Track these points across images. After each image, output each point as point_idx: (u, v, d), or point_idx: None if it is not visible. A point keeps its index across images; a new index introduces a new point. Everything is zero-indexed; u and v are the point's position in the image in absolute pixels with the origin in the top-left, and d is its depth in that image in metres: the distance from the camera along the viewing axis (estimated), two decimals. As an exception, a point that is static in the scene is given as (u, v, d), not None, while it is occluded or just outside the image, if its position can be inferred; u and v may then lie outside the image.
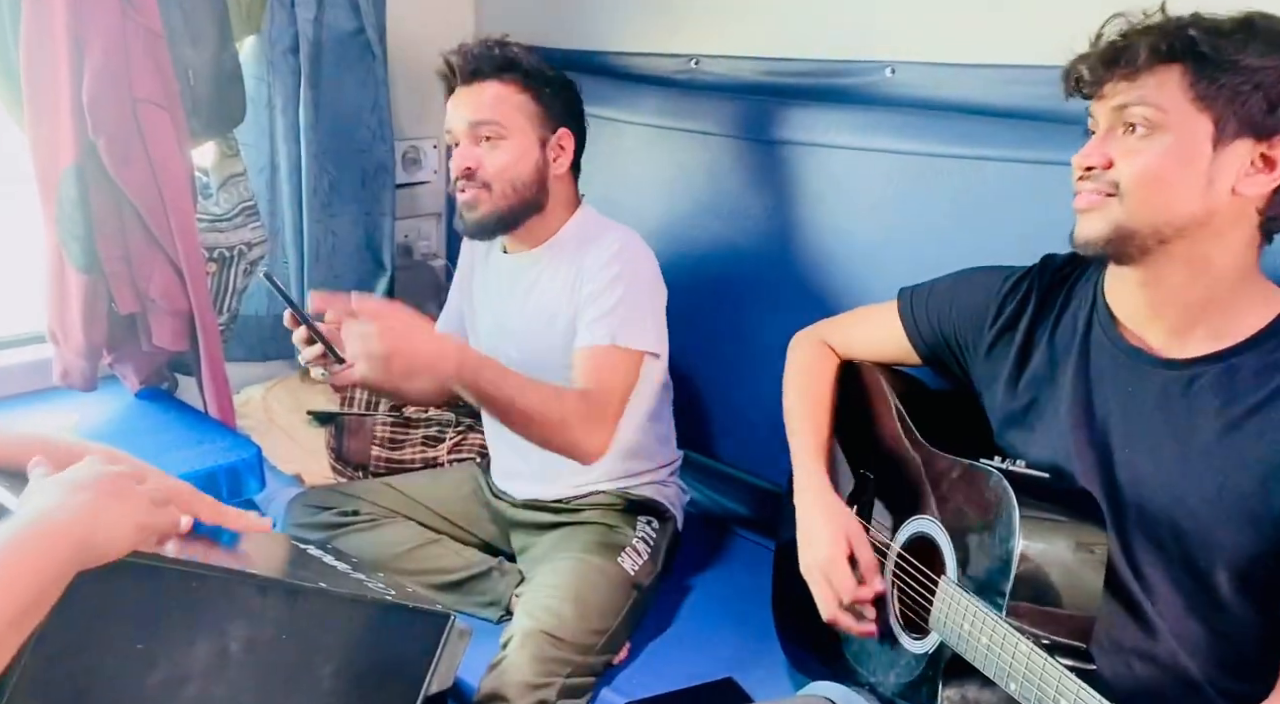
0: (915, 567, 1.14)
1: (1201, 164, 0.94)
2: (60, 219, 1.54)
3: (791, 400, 1.35)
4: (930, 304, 1.25)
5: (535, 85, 1.48)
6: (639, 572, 1.48)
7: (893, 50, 1.59)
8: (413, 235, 2.34)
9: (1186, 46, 0.93)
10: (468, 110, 1.46)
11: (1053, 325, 1.12)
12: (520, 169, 1.46)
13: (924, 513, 1.15)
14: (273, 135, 1.96)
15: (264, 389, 2.11)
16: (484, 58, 1.47)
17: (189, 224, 1.61)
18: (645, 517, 1.56)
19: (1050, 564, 0.97)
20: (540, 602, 1.36)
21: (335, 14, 1.94)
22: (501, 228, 1.50)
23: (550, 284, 1.51)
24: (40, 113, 1.51)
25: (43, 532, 0.75)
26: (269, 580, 0.89)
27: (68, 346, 1.64)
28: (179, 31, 1.60)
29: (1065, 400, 1.08)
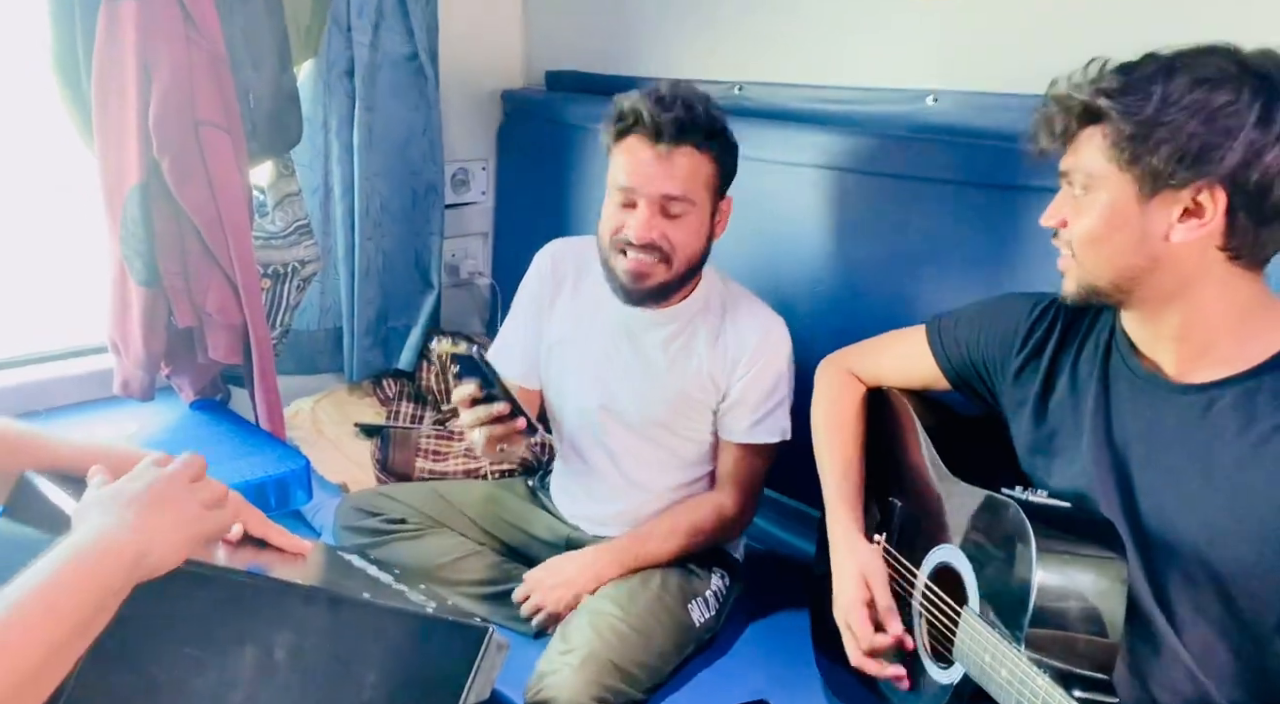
0: (941, 596, 1.14)
1: (1132, 221, 0.97)
2: (124, 236, 1.60)
3: (819, 431, 1.37)
4: (959, 330, 1.26)
5: (724, 156, 1.41)
6: (703, 625, 1.47)
7: (934, 78, 1.60)
8: (459, 254, 2.39)
9: (1099, 110, 0.96)
10: (663, 182, 1.36)
11: (1076, 352, 1.13)
12: (698, 244, 1.42)
13: (949, 542, 1.15)
14: (327, 156, 2.02)
15: (313, 401, 2.16)
16: (691, 123, 1.36)
17: (245, 241, 1.67)
18: (721, 569, 1.56)
19: (1069, 595, 0.97)
20: (609, 622, 1.36)
21: (390, 39, 1.99)
22: (665, 298, 1.46)
23: (687, 350, 1.49)
24: (109, 134, 1.57)
25: (101, 550, 0.78)
26: (314, 590, 0.92)
27: (128, 358, 1.70)
28: (241, 55, 1.66)
29: (1086, 428, 1.08)
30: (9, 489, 0.96)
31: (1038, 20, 1.48)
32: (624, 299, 1.46)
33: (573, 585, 1.45)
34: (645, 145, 1.37)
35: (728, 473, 1.54)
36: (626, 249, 1.40)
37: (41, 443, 1.00)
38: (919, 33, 1.62)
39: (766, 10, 1.84)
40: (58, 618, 0.73)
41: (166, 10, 1.52)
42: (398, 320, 2.18)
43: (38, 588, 0.74)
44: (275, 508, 1.65)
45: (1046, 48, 1.47)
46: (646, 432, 1.53)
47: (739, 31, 1.90)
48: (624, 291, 1.44)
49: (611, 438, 1.56)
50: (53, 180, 1.82)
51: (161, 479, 0.86)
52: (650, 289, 1.43)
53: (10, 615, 0.72)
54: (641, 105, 1.36)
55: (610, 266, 1.45)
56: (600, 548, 1.50)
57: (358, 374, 2.15)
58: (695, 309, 1.50)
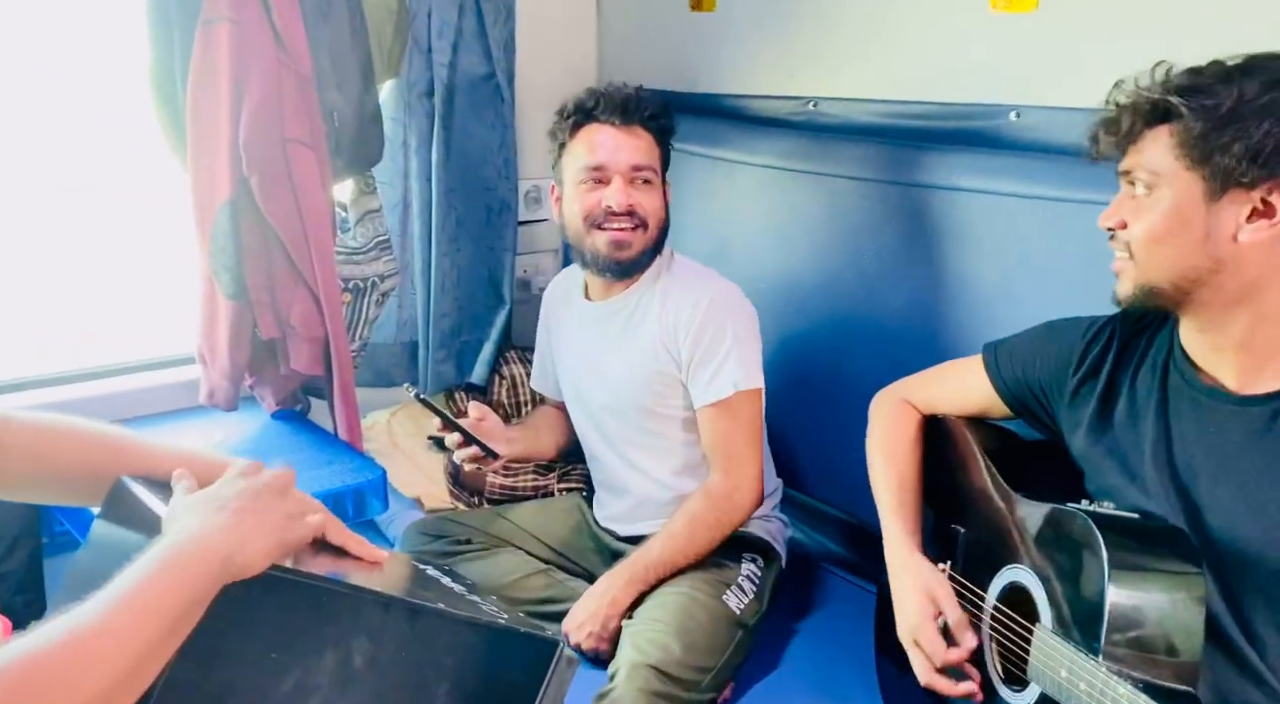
0: (1011, 618, 1.12)
1: (1198, 219, 0.96)
2: (214, 251, 1.65)
3: (876, 463, 1.36)
4: (1015, 356, 1.25)
5: (667, 138, 1.57)
6: (744, 611, 1.48)
7: (1017, 93, 1.57)
8: (531, 270, 2.41)
9: (1169, 109, 0.96)
10: (630, 153, 1.51)
11: (1133, 372, 1.12)
12: (662, 214, 1.55)
13: (1016, 562, 1.14)
14: (406, 174, 2.06)
15: (389, 414, 2.20)
16: (641, 104, 1.52)
17: (328, 256, 1.71)
18: (750, 554, 1.57)
19: (1145, 604, 0.94)
20: (647, 635, 1.37)
21: (468, 59, 2.03)
22: (642, 267, 1.56)
23: (641, 326, 1.57)
24: (201, 152, 1.63)
25: (191, 552, 0.81)
26: (392, 598, 0.93)
27: (214, 368, 1.76)
28: (327, 76, 1.71)
29: (1148, 446, 1.07)
30: (105, 491, 0.99)
31: (1123, 34, 1.45)
32: (611, 273, 1.54)
33: (595, 619, 1.47)
34: (606, 127, 1.51)
35: (706, 444, 1.56)
36: (603, 224, 1.50)
37: (140, 447, 1.04)
38: (1001, 47, 1.60)
39: (842, 25, 1.83)
40: (151, 622, 0.76)
41: (259, 33, 1.57)
42: (471, 335, 2.21)
43: (131, 592, 0.76)
44: (352, 517, 1.68)
45: (1132, 61, 1.44)
46: (633, 418, 1.59)
47: (814, 47, 1.89)
48: (609, 264, 1.53)
49: (610, 431, 1.63)
50: (147, 198, 1.89)
51: (252, 487, 0.89)
52: (632, 258, 1.52)
53: (105, 620, 0.74)
54: (594, 94, 1.53)
55: (588, 249, 1.54)
56: (609, 575, 1.52)
57: (431, 387, 2.18)
58: (647, 284, 1.57)
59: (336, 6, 1.71)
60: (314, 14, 1.67)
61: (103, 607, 0.75)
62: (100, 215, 1.89)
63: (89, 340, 1.93)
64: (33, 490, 1.09)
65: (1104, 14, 1.47)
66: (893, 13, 1.74)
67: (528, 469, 1.98)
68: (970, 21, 1.62)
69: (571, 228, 1.55)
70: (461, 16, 1.99)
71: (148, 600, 0.76)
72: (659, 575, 1.49)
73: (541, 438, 1.75)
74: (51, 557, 1.71)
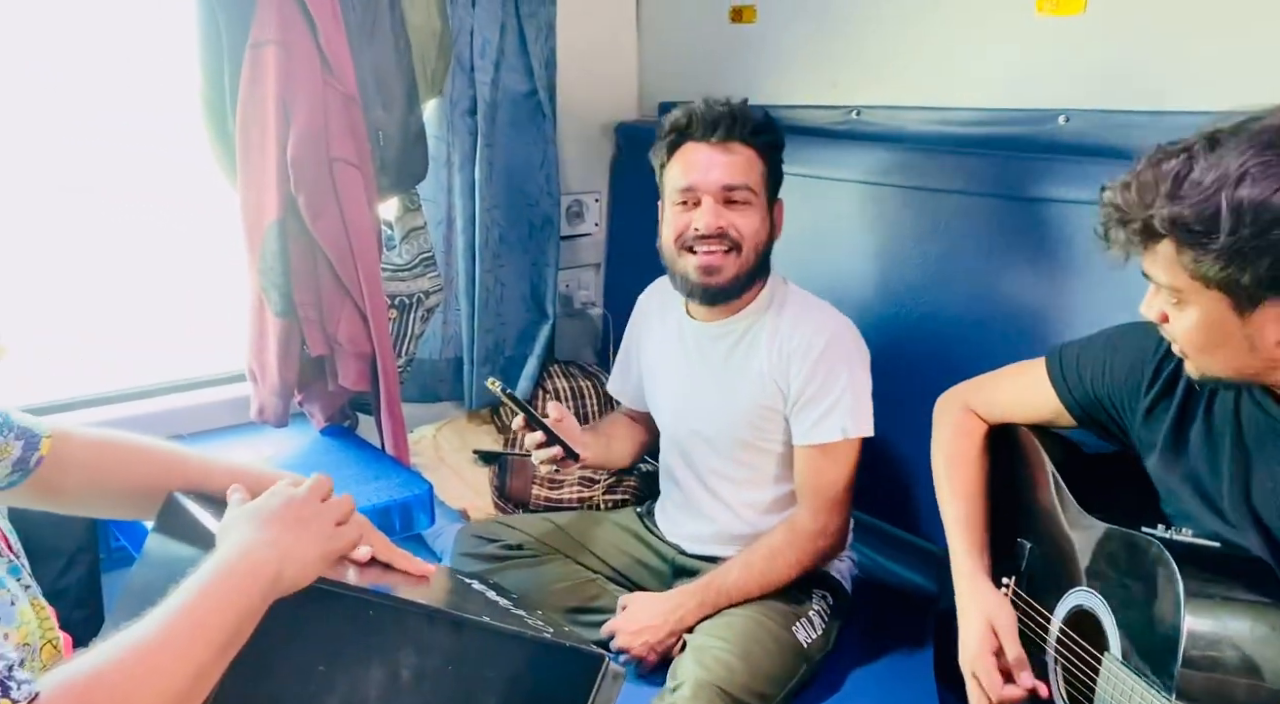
0: (1078, 643, 1.07)
1: (1235, 332, 0.90)
2: (263, 269, 1.68)
3: (939, 472, 1.31)
4: (1082, 363, 1.19)
5: (773, 152, 1.48)
6: (812, 645, 1.45)
7: (1066, 97, 1.54)
8: (573, 285, 2.42)
9: (1161, 227, 0.89)
10: (722, 172, 1.43)
11: (1209, 394, 1.05)
12: (761, 236, 1.47)
13: (1084, 585, 1.09)
14: (450, 190, 2.09)
15: (435, 429, 2.22)
16: (739, 119, 1.44)
17: (374, 273, 1.73)
18: (821, 591, 1.53)
19: (1223, 640, 0.89)
20: (713, 654, 1.35)
21: (510, 77, 2.05)
22: (737, 294, 1.49)
23: (749, 355, 1.51)
24: (250, 172, 1.67)
25: (242, 569, 0.82)
26: (437, 611, 0.93)
27: (264, 385, 1.79)
28: (372, 96, 1.74)
29: (1225, 474, 1.00)
30: (159, 505, 1.01)
31: (1172, 35, 1.42)
32: (700, 299, 1.49)
33: (656, 631, 1.45)
34: (700, 146, 1.45)
35: (799, 482, 1.51)
36: (694, 246, 1.45)
37: (192, 461, 1.06)
38: (1047, 51, 1.57)
39: (884, 33, 1.82)
40: (206, 637, 0.77)
41: (305, 55, 1.60)
42: (514, 350, 2.22)
43: (185, 608, 0.78)
44: (399, 532, 1.69)
45: (1181, 61, 1.41)
46: (726, 448, 1.54)
47: (856, 56, 1.88)
48: (698, 290, 1.48)
49: (698, 457, 1.58)
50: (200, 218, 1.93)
51: (297, 498, 0.90)
52: (723, 284, 1.46)
53: (161, 637, 0.75)
54: (690, 112, 1.46)
55: (679, 272, 1.49)
56: (682, 591, 1.50)
57: (476, 402, 2.20)
58: (757, 312, 1.51)
59: (381, 28, 1.74)
60: (359, 36, 1.70)
61: (159, 624, 0.76)
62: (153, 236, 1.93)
63: (143, 359, 1.97)
64: (91, 504, 1.11)
65: (1152, 15, 1.44)
66: (935, 18, 1.73)
67: (572, 481, 1.98)
68: (1016, 25, 1.60)
69: (666, 250, 1.51)
70: (503, 35, 2.01)
71: (202, 617, 0.78)
72: (729, 602, 1.46)
73: (613, 447, 1.72)
74: (109, 572, 1.75)
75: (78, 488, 1.06)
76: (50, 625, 0.90)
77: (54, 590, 1.61)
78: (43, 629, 0.86)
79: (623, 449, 1.73)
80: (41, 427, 1.03)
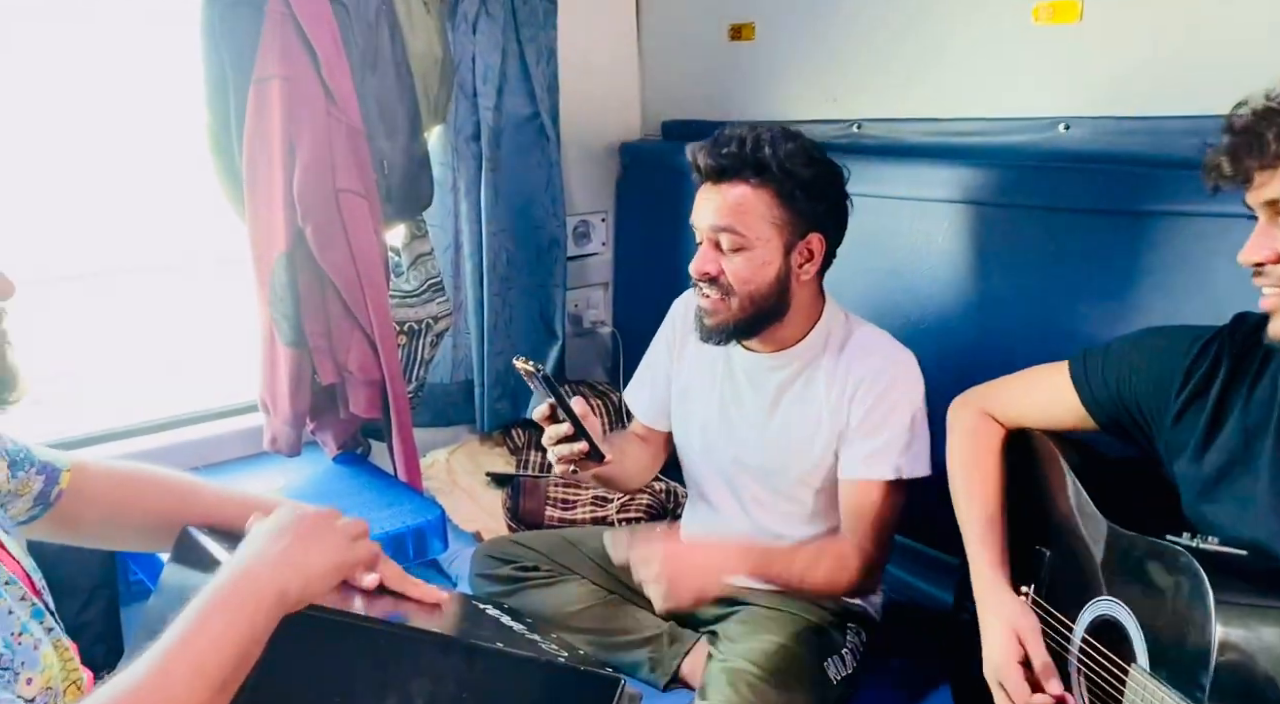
0: (1103, 653, 1.06)
1: None
2: (273, 300, 1.70)
3: (956, 478, 1.28)
4: (1107, 367, 1.17)
5: (787, 189, 1.35)
6: (840, 682, 1.43)
7: (1066, 105, 1.55)
8: (582, 304, 2.43)
9: None
10: (711, 214, 1.37)
11: (1248, 391, 1.02)
12: (761, 280, 1.37)
13: (1108, 595, 1.07)
14: (456, 216, 2.10)
15: (447, 453, 2.23)
16: (732, 157, 1.35)
17: (383, 300, 1.74)
18: (854, 625, 1.50)
19: (1257, 653, 0.88)
20: (746, 679, 1.33)
21: (513, 102, 2.07)
22: (738, 336, 1.43)
23: (805, 393, 1.45)
24: (258, 205, 1.68)
25: (244, 588, 0.81)
26: (450, 640, 0.93)
27: (276, 415, 1.80)
28: (376, 126, 1.76)
29: (1264, 476, 0.98)
30: (175, 536, 1.02)
31: (1168, 41, 1.42)
32: (703, 338, 1.44)
33: (703, 572, 1.34)
34: (707, 185, 1.39)
35: (849, 512, 1.44)
36: (699, 286, 1.41)
37: (206, 491, 1.07)
38: (1046, 60, 1.58)
39: (883, 46, 1.82)
40: (210, 663, 0.76)
41: (309, 88, 1.62)
42: (526, 371, 2.23)
43: (188, 637, 0.76)
44: (413, 557, 1.70)
45: (1179, 67, 1.41)
46: (772, 481, 1.49)
47: (856, 69, 1.89)
48: (700, 329, 1.44)
49: (740, 486, 1.53)
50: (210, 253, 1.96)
51: (310, 511, 0.89)
52: (717, 327, 1.41)
53: (166, 668, 0.74)
54: (699, 149, 1.38)
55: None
56: (729, 543, 1.44)
57: (489, 425, 2.20)
58: (815, 349, 1.45)
59: (383, 58, 1.76)
60: (361, 66, 1.72)
61: (161, 655, 0.75)
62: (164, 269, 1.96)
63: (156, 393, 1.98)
64: (108, 536, 1.12)
65: (1148, 22, 1.44)
66: (934, 30, 1.73)
67: (585, 501, 1.97)
68: (1014, 35, 1.60)
69: None
70: (505, 61, 2.03)
71: (205, 644, 0.76)
72: (766, 576, 1.39)
73: (627, 465, 1.62)
74: (127, 606, 1.76)
75: (96, 520, 1.07)
76: (74, 666, 0.90)
77: (74, 626, 1.61)
78: (66, 670, 0.86)
79: (635, 469, 1.66)
80: (61, 460, 1.04)
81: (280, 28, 1.59)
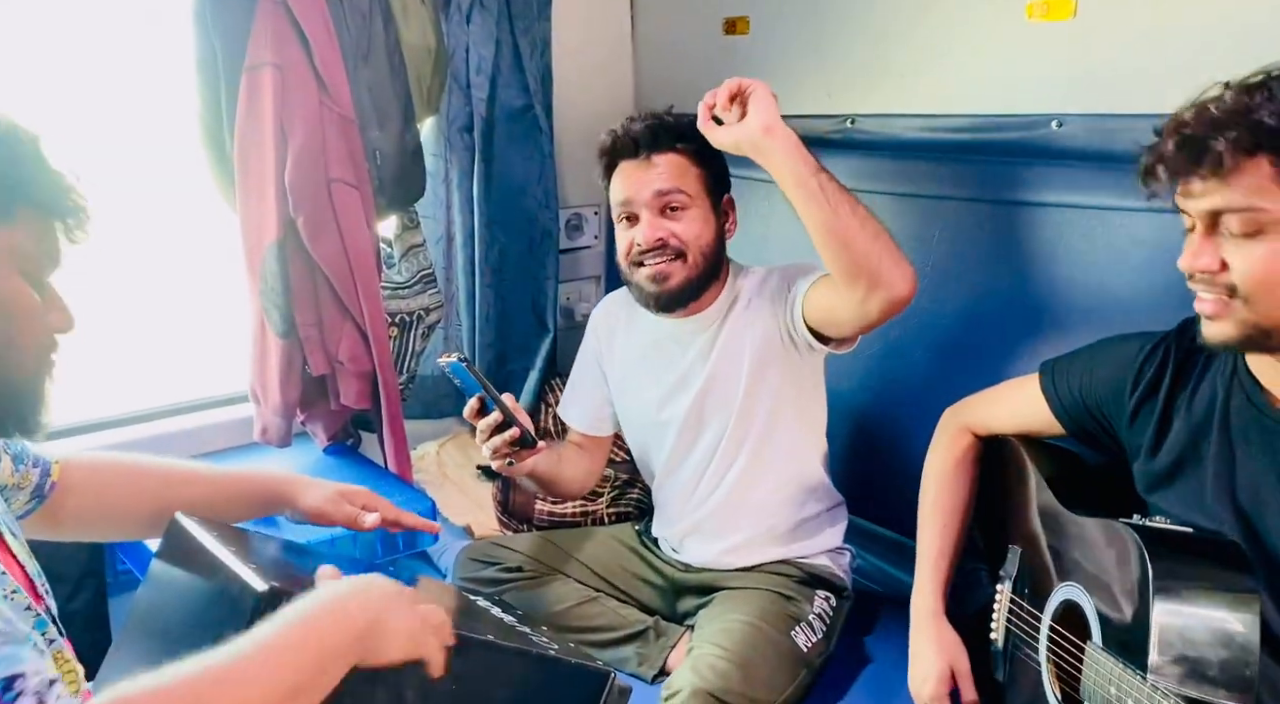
0: (1066, 637, 1.10)
1: None
2: (263, 290, 1.69)
3: (926, 492, 1.35)
4: (1071, 376, 1.22)
5: (705, 153, 1.47)
6: (811, 649, 1.45)
7: (1058, 102, 1.55)
8: (574, 297, 2.43)
9: (1269, 136, 0.87)
10: (651, 181, 1.46)
11: (1192, 391, 1.07)
12: (707, 237, 1.48)
13: (1070, 580, 1.12)
14: (449, 207, 2.09)
15: (438, 445, 2.22)
16: (660, 129, 1.48)
17: (374, 291, 1.74)
18: (823, 591, 1.53)
19: (1193, 620, 0.92)
20: (708, 661, 1.35)
21: (506, 93, 2.06)
22: (693, 297, 1.49)
23: (736, 327, 1.51)
24: (249, 195, 1.68)
25: (333, 614, 0.80)
26: (442, 631, 0.93)
27: (267, 406, 1.79)
28: (368, 117, 1.75)
29: (1209, 470, 1.02)
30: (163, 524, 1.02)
31: (1161, 39, 1.42)
32: (657, 308, 1.51)
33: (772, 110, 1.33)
34: (628, 164, 1.50)
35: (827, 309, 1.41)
36: (642, 260, 1.48)
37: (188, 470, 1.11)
38: (1039, 57, 1.58)
39: (878, 42, 1.82)
40: (275, 676, 0.74)
41: (301, 77, 1.61)
42: (516, 364, 2.23)
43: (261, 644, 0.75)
44: (403, 550, 1.69)
45: (1172, 64, 1.41)
46: (733, 431, 1.52)
47: (850, 65, 1.89)
48: (654, 299, 1.49)
49: (697, 443, 1.57)
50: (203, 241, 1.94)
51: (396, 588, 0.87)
52: (676, 289, 1.48)
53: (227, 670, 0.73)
54: (613, 134, 1.51)
55: (635, 286, 1.52)
56: None
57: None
58: (727, 303, 1.52)
59: (376, 48, 1.75)
60: (354, 56, 1.71)
61: (230, 657, 0.74)
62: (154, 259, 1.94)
63: (146, 383, 1.97)
64: (97, 527, 1.12)
65: (1141, 19, 1.44)
66: (928, 27, 1.73)
67: (576, 496, 1.97)
68: (1007, 32, 1.60)
69: (621, 268, 1.53)
70: (499, 52, 2.02)
71: (276, 654, 0.75)
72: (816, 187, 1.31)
73: (564, 468, 1.64)
74: (115, 596, 1.75)
75: (82, 511, 1.07)
76: (73, 677, 0.89)
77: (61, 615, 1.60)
78: (65, 680, 0.85)
79: (574, 474, 1.68)
80: (50, 453, 1.04)
81: (272, 15, 1.59)
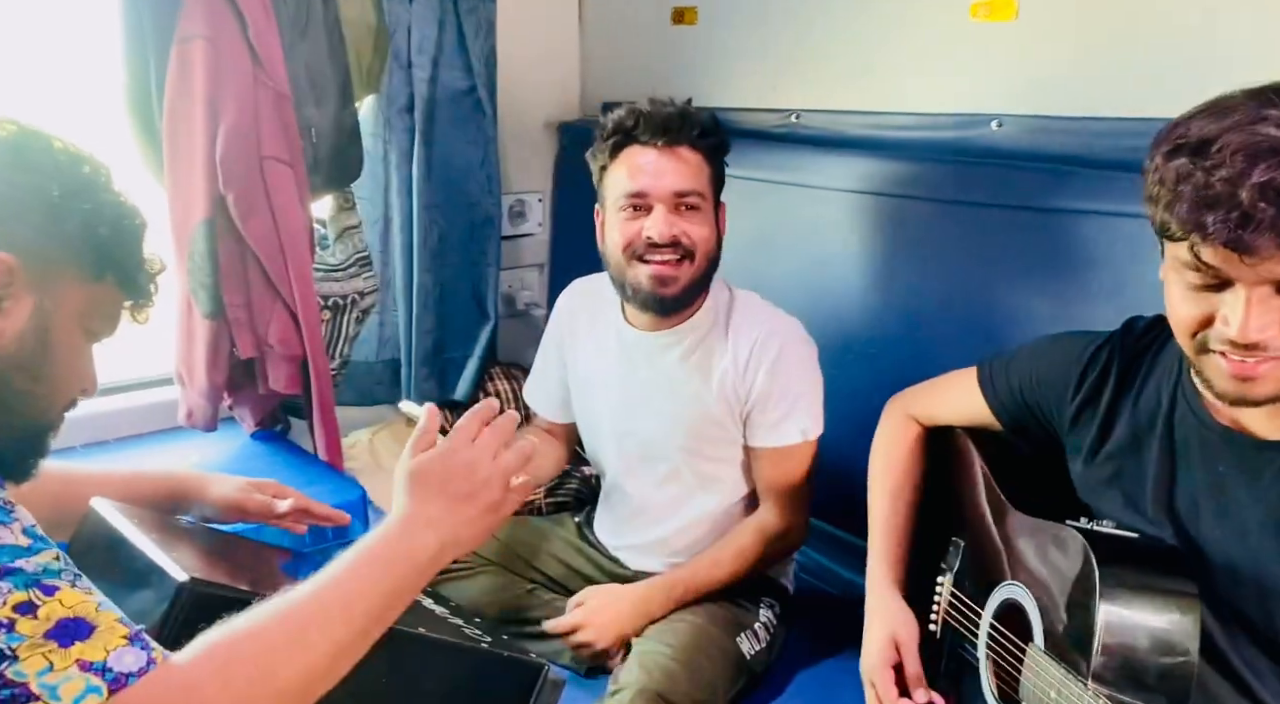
0: (1006, 636, 1.10)
1: None
2: (191, 269, 1.63)
3: (873, 479, 1.35)
4: (1011, 374, 1.22)
5: (716, 156, 1.44)
6: (754, 656, 1.45)
7: (998, 103, 1.57)
8: (516, 285, 2.40)
9: None
10: (673, 178, 1.38)
11: (1135, 397, 1.07)
12: (711, 242, 1.43)
13: (1012, 579, 1.12)
14: (387, 189, 2.05)
15: (370, 433, 2.18)
16: (688, 121, 1.39)
17: (306, 273, 1.69)
18: (768, 598, 1.53)
19: (1137, 626, 0.93)
20: (655, 659, 1.34)
21: (449, 74, 2.02)
22: (687, 303, 1.45)
23: (704, 364, 1.47)
24: (178, 170, 1.61)
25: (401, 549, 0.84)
26: (370, 623, 0.91)
27: (192, 388, 1.73)
28: (304, 93, 1.70)
29: (1149, 478, 1.03)
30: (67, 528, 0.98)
31: (1102, 41, 1.45)
32: (653, 310, 1.44)
33: (629, 622, 1.42)
34: (647, 149, 1.39)
35: (764, 485, 1.50)
36: (646, 256, 1.40)
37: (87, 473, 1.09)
38: (981, 57, 1.60)
39: (824, 38, 1.83)
40: (350, 615, 0.78)
41: (235, 51, 1.56)
42: (455, 352, 2.19)
43: (335, 582, 0.79)
44: (332, 538, 1.65)
45: (1111, 68, 1.45)
46: (677, 457, 1.51)
47: (795, 59, 1.89)
48: (651, 300, 1.42)
49: (645, 465, 1.55)
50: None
51: (474, 463, 0.88)
52: (677, 294, 1.42)
53: (308, 610, 0.76)
54: (637, 113, 1.40)
55: (628, 282, 1.43)
56: (650, 584, 1.47)
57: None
58: (707, 322, 1.48)
59: (314, 23, 1.70)
60: (291, 30, 1.66)
61: (306, 596, 0.77)
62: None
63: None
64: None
65: (1083, 22, 1.47)
66: (873, 24, 1.75)
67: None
68: (950, 31, 1.62)
69: (612, 258, 1.45)
70: (442, 31, 1.98)
71: (350, 593, 0.79)
72: (693, 600, 1.45)
73: (541, 464, 1.67)
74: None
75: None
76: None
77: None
78: None
79: (543, 462, 1.68)
80: None
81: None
